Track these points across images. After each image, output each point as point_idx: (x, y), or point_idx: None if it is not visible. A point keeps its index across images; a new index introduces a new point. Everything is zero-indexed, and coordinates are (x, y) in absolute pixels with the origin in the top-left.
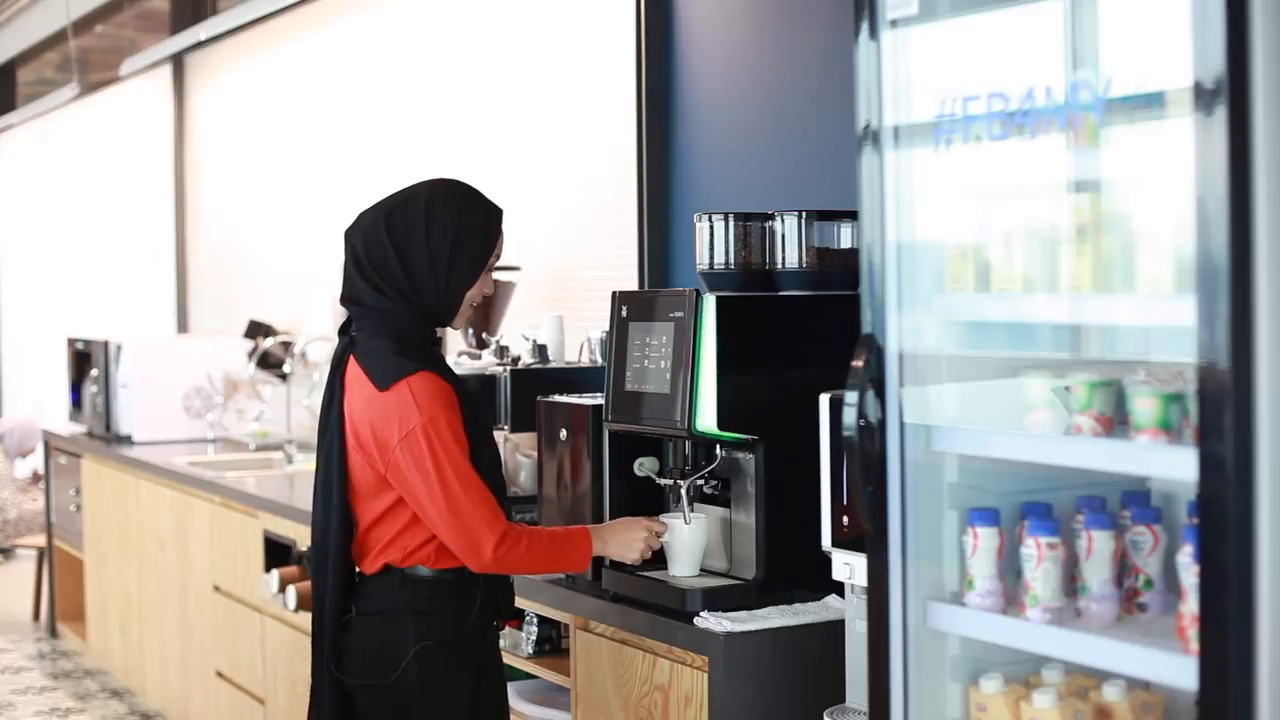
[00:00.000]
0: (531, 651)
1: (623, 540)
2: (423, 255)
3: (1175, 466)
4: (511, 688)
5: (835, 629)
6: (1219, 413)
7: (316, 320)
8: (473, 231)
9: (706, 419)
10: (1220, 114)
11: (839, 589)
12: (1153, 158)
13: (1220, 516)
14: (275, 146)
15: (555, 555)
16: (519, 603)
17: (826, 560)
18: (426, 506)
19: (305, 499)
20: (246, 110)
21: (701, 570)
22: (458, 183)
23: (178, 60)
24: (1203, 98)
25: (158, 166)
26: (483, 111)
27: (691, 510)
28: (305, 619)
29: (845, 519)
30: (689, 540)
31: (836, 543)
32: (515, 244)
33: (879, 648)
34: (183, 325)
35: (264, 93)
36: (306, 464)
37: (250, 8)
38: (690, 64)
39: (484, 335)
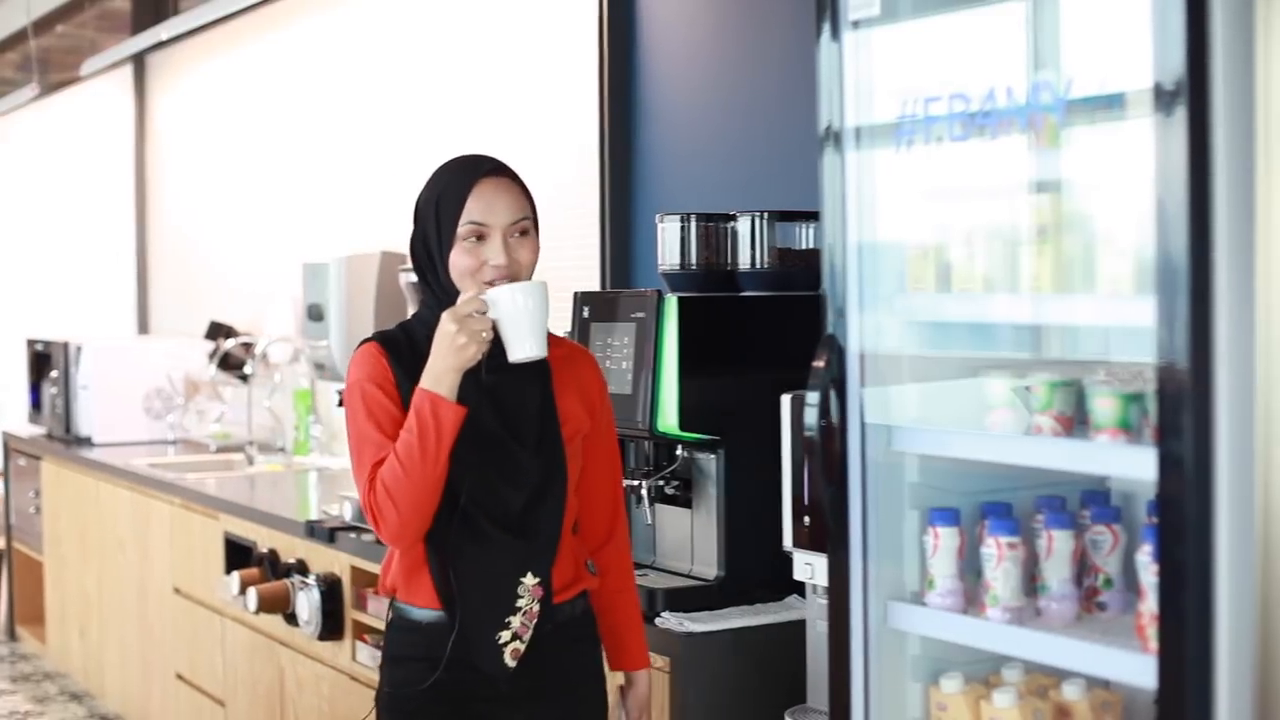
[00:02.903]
0: None
1: (443, 352)
2: (417, 250)
3: (1135, 466)
4: None
5: (796, 629)
6: (1178, 412)
7: (277, 321)
8: (429, 206)
9: (668, 419)
10: (1180, 115)
11: (800, 589)
12: (1113, 158)
13: (1179, 516)
14: (236, 147)
15: (409, 448)
16: None
17: (788, 560)
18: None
19: (266, 500)
20: (208, 111)
21: (664, 570)
22: (444, 163)
23: (139, 60)
24: (1163, 99)
25: (118, 167)
26: (446, 111)
27: (652, 501)
28: (266, 621)
29: (806, 519)
30: (519, 308)
31: (798, 543)
32: None
33: (840, 648)
34: (143, 326)
35: (225, 93)
36: (267, 465)
37: (211, 8)
38: (652, 63)
39: None
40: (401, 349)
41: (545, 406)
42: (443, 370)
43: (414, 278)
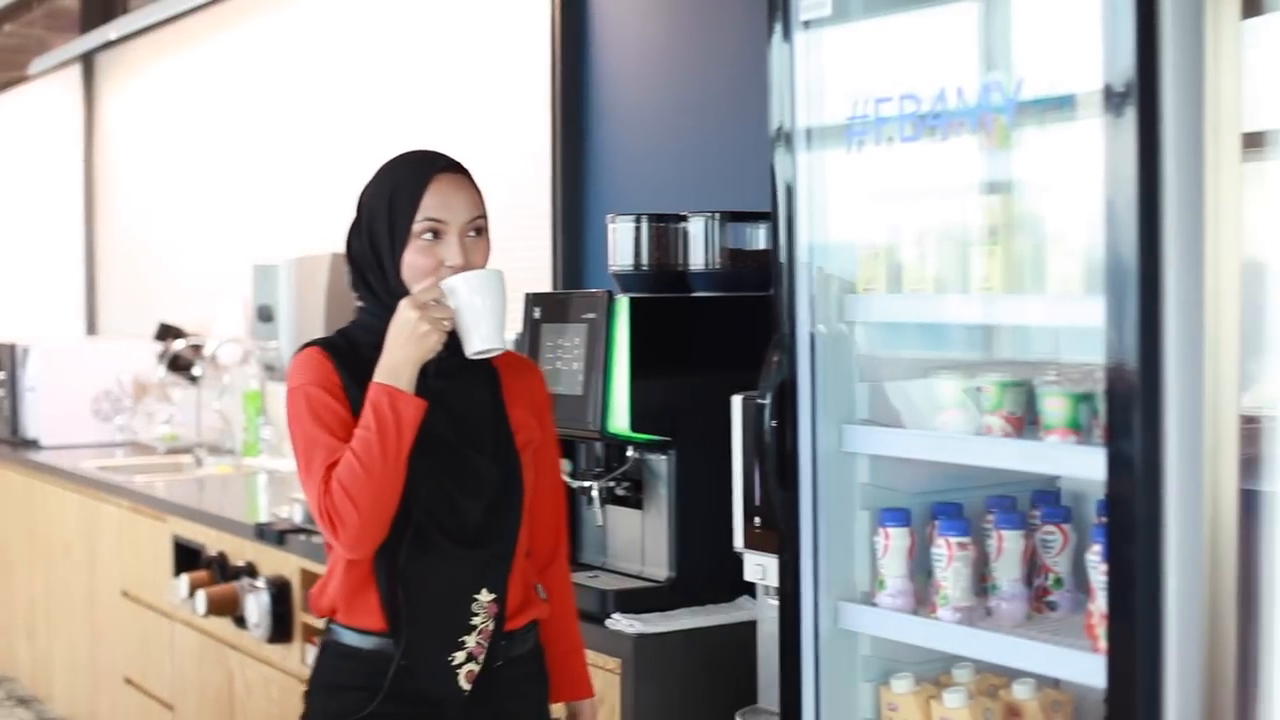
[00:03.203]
0: None
1: (402, 341)
2: (360, 255)
3: (1085, 466)
4: None
5: (747, 630)
6: (1127, 412)
7: (226, 322)
8: (379, 201)
9: (619, 420)
10: (1130, 116)
11: (751, 590)
12: (1063, 159)
13: (1128, 515)
14: (187, 148)
15: (368, 445)
16: None
17: (739, 561)
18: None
19: (215, 503)
20: (158, 111)
21: (615, 571)
22: (391, 157)
23: (88, 60)
24: (1112, 100)
25: (67, 167)
26: (396, 111)
27: (603, 502)
28: (215, 624)
29: (757, 520)
30: (479, 298)
31: (749, 544)
32: None
33: (790, 648)
34: (92, 327)
35: (175, 93)
36: (217, 467)
37: (160, 7)
38: (604, 62)
39: None
40: (345, 355)
41: (498, 413)
42: (401, 362)
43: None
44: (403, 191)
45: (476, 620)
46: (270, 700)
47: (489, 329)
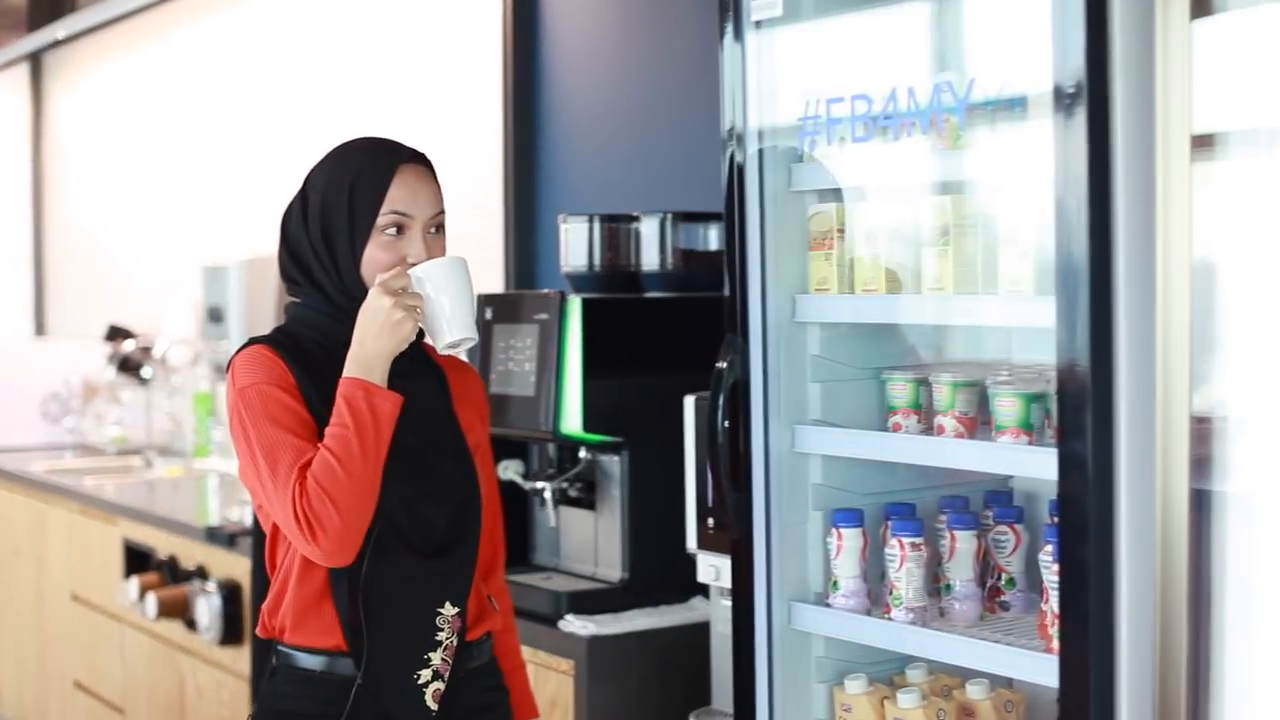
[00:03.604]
0: None
1: (376, 332)
2: (307, 245)
3: (1037, 466)
4: None
5: (701, 631)
6: (1079, 412)
7: (177, 323)
8: (336, 190)
9: (572, 422)
10: (1080, 117)
11: (704, 591)
12: (1015, 160)
13: (1080, 515)
14: (136, 148)
15: (346, 444)
16: None
17: (692, 562)
18: (261, 499)
19: (165, 505)
20: (107, 110)
21: (568, 573)
22: (344, 142)
23: (35, 59)
24: (1063, 100)
25: (14, 167)
26: (347, 111)
27: (556, 503)
28: (166, 627)
29: (710, 521)
30: (451, 285)
31: (702, 544)
32: None
33: (744, 649)
34: (40, 328)
35: (125, 93)
36: (167, 470)
37: (109, 6)
38: (556, 61)
39: None
40: (292, 352)
41: (450, 414)
42: (374, 354)
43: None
44: (366, 181)
45: (442, 635)
46: (221, 704)
47: (462, 318)
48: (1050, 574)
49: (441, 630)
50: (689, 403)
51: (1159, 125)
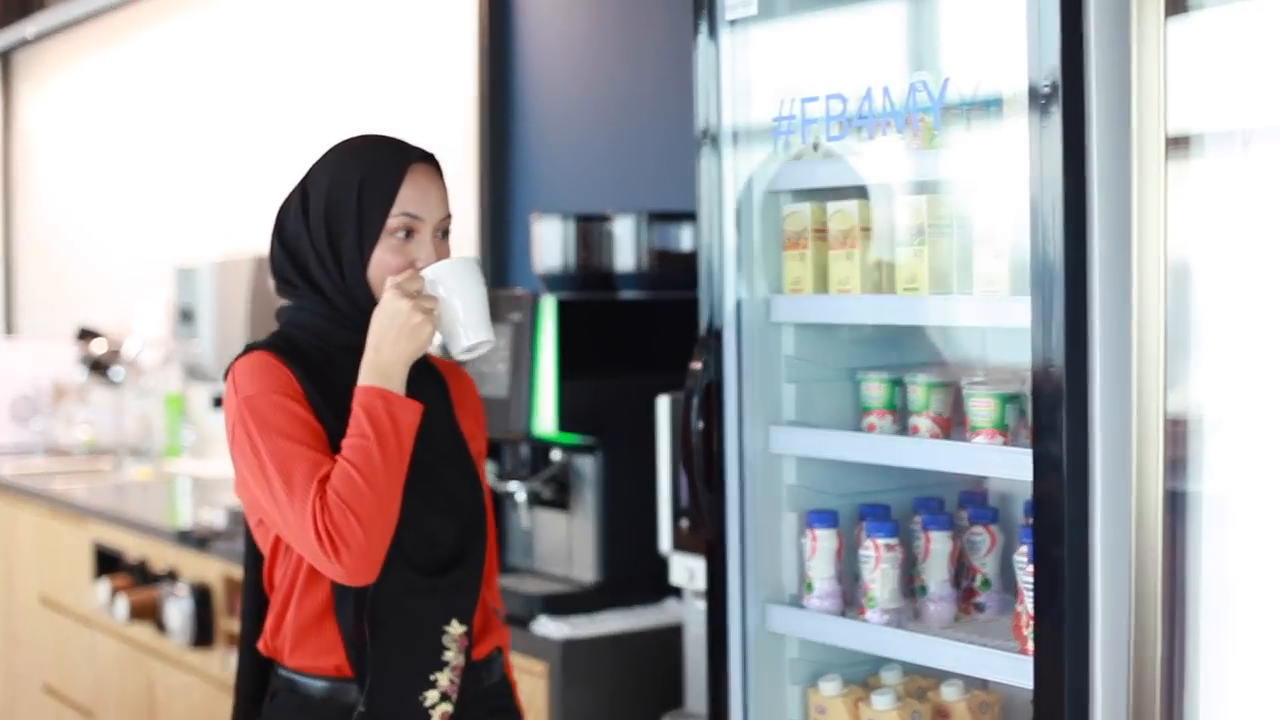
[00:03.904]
0: None
1: (394, 338)
2: (308, 245)
3: (1012, 467)
4: None
5: (674, 633)
6: (1054, 413)
7: (146, 324)
8: (345, 191)
9: (545, 423)
10: (1056, 116)
11: (678, 592)
12: (990, 159)
13: (1055, 516)
14: (107, 147)
15: (368, 455)
16: None
17: (665, 563)
18: (271, 514)
19: (136, 507)
20: (78, 110)
21: (541, 575)
22: (349, 138)
23: (5, 57)
24: (1039, 100)
25: None
26: (319, 110)
27: (529, 505)
28: (136, 630)
29: (684, 522)
30: (467, 287)
31: (676, 546)
32: None
33: (718, 651)
34: (9, 328)
35: (97, 92)
36: (137, 471)
37: (79, 4)
38: (530, 60)
39: None
40: (295, 358)
41: (453, 424)
42: (392, 360)
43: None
44: (376, 181)
45: (449, 655)
46: (192, 706)
47: (479, 321)
48: (1025, 575)
49: (448, 650)
50: (663, 403)
51: (1134, 125)
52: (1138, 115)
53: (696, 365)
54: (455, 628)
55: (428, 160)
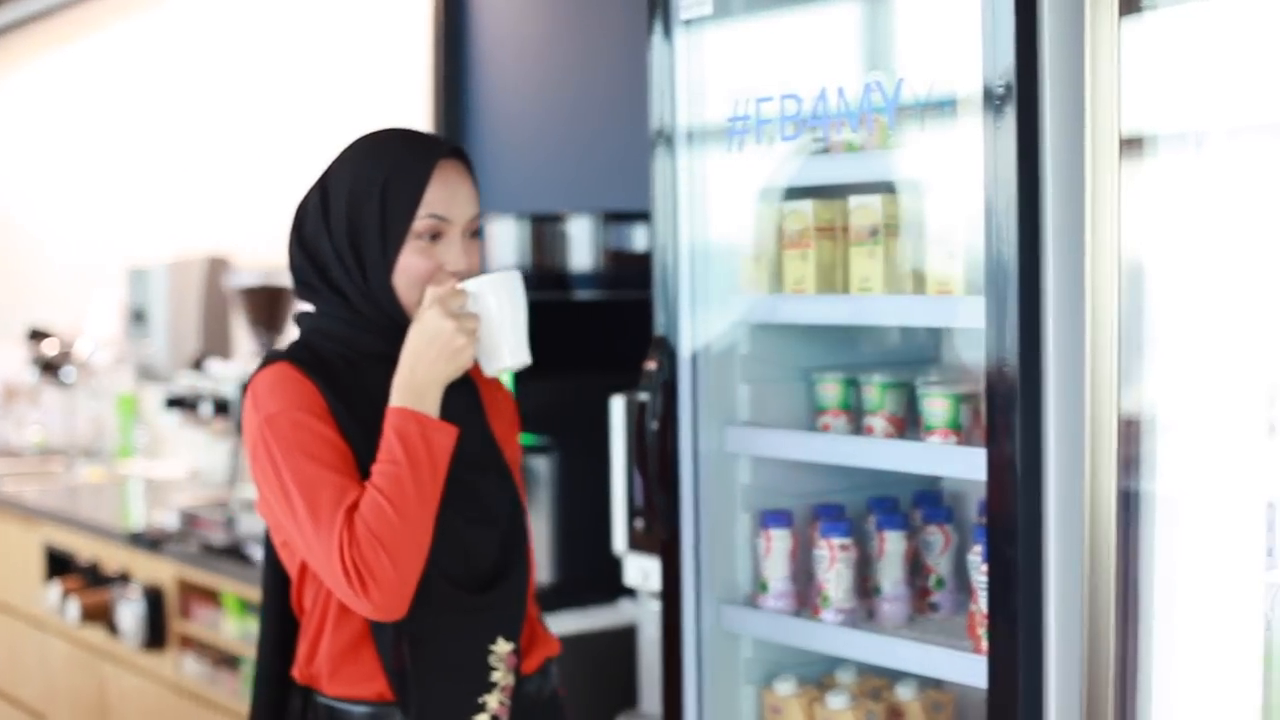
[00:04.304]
0: None
1: (433, 358)
2: (328, 247)
3: (966, 466)
4: None
5: (629, 633)
6: (1008, 413)
7: (98, 325)
8: (368, 187)
9: None
10: (1009, 117)
11: (633, 593)
12: (944, 160)
13: (1009, 516)
14: (59, 147)
15: (399, 483)
16: None
17: (620, 564)
18: (296, 541)
19: (87, 509)
20: (30, 109)
21: None
22: (371, 133)
23: None
24: (993, 101)
25: None
26: (272, 111)
27: None
28: (88, 632)
29: (638, 522)
30: (506, 303)
31: (630, 546)
32: None
33: (672, 651)
34: None
35: (49, 92)
36: (89, 473)
37: (32, 1)
38: (485, 60)
39: (272, 338)
40: (319, 371)
41: (487, 431)
42: (428, 382)
43: (300, 280)
44: (402, 178)
45: (497, 675)
46: (144, 709)
47: (518, 341)
48: (979, 574)
49: (495, 670)
50: (617, 404)
51: (1088, 126)
52: (1092, 116)
53: (651, 365)
54: (502, 646)
55: (456, 156)
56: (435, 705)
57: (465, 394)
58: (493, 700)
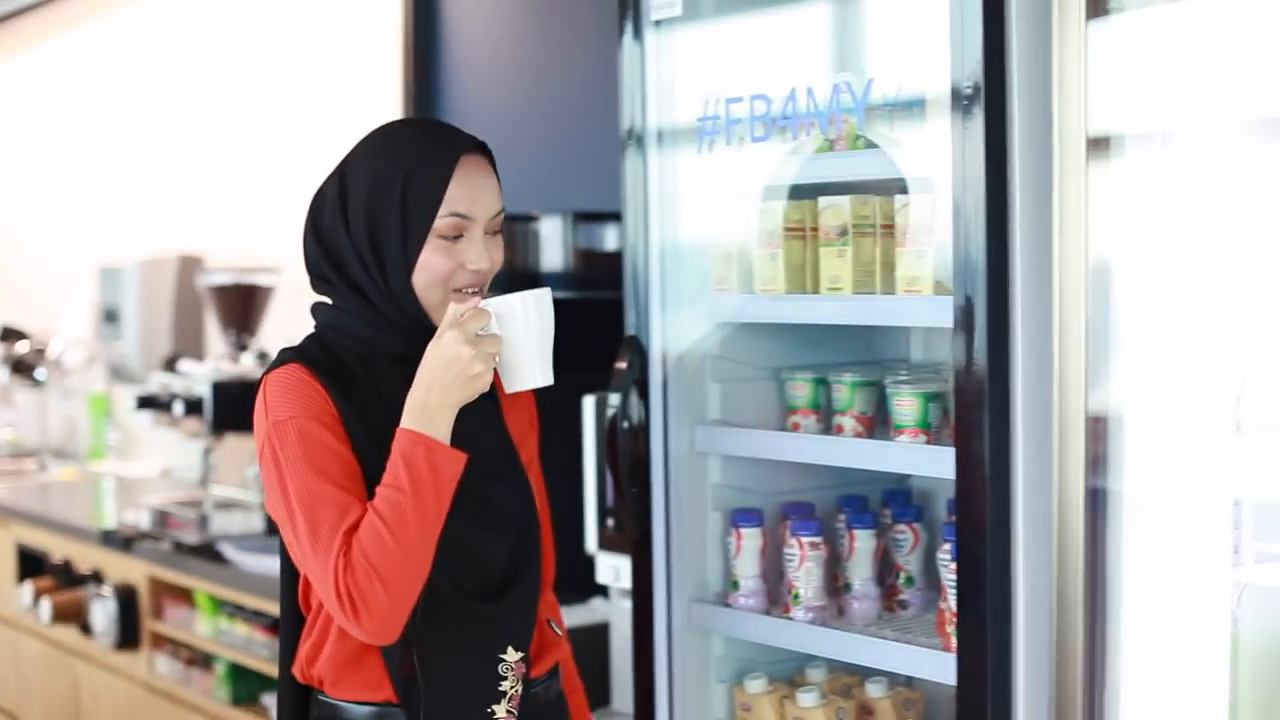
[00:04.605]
0: None
1: (447, 382)
2: (346, 243)
3: (935, 465)
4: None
5: (601, 632)
6: (977, 412)
7: (72, 324)
8: (388, 183)
9: None
10: (978, 117)
11: (604, 591)
12: (913, 160)
13: (978, 514)
14: (31, 145)
15: (399, 510)
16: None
17: (592, 563)
18: (293, 549)
19: (59, 509)
20: (2, 109)
21: None
22: (392, 124)
23: None
24: (961, 101)
25: None
26: (244, 112)
27: None
28: (61, 632)
29: (610, 521)
30: (531, 324)
31: (601, 545)
32: (277, 245)
33: (644, 650)
34: None
35: (19, 91)
36: (61, 472)
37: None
38: (456, 61)
39: (244, 338)
40: (332, 372)
41: (502, 429)
42: (439, 406)
43: (323, 276)
44: (423, 174)
45: (505, 685)
46: (117, 708)
47: (539, 363)
48: (948, 572)
49: (505, 679)
50: (588, 403)
51: (1056, 126)
52: (1059, 116)
53: (622, 365)
54: (511, 655)
55: (480, 150)
56: (443, 714)
57: (483, 396)
58: (500, 710)
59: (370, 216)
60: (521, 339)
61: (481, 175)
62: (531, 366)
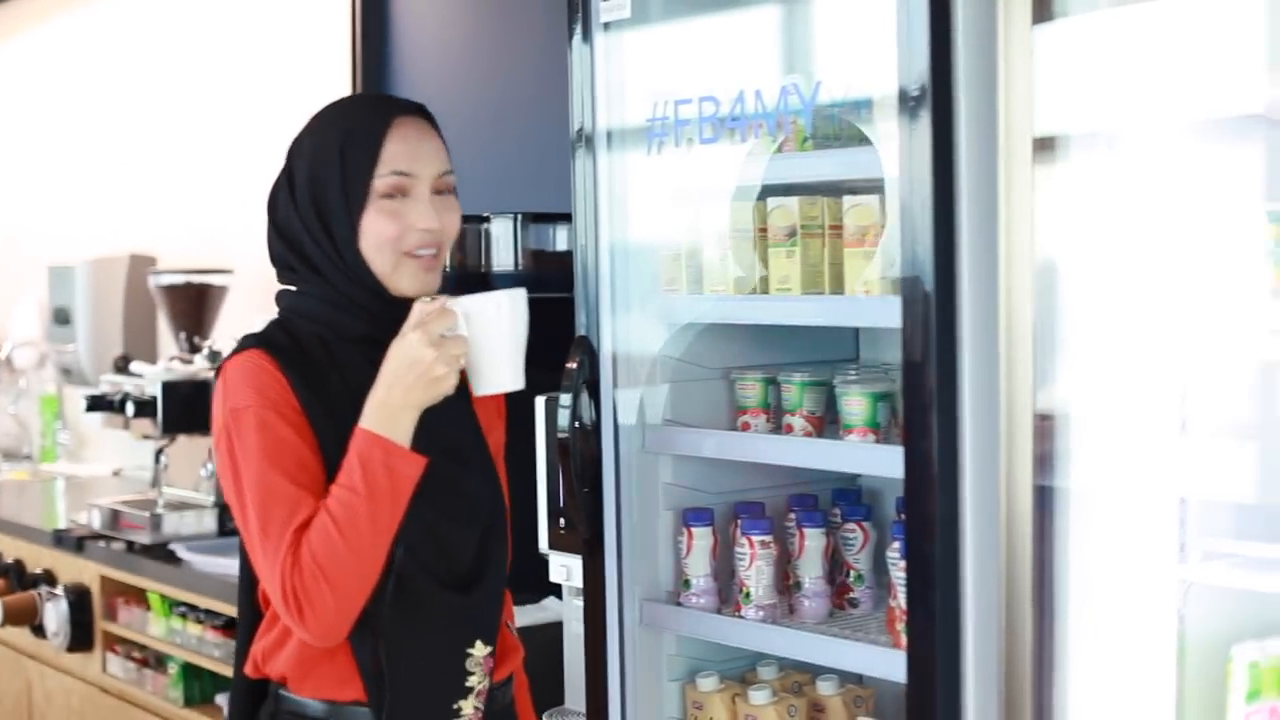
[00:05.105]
0: None
1: (409, 384)
2: (298, 224)
3: (884, 464)
4: None
5: (554, 631)
6: (925, 411)
7: (21, 325)
8: (325, 155)
9: None
10: (924, 119)
11: (557, 591)
12: (860, 161)
13: (927, 512)
14: None
15: (352, 511)
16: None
17: (544, 562)
18: (245, 540)
19: (11, 509)
20: None
21: None
22: (329, 103)
23: None
24: (908, 103)
25: None
26: (193, 111)
27: None
28: (13, 633)
29: (561, 521)
30: (502, 325)
31: (554, 545)
32: (229, 245)
33: (596, 649)
34: None
35: None
36: (12, 473)
37: None
38: (405, 61)
39: (195, 339)
40: (294, 359)
41: (471, 417)
42: (401, 407)
43: (285, 263)
44: (357, 140)
45: (473, 680)
46: (70, 710)
47: (509, 365)
48: (897, 570)
49: (473, 674)
50: (539, 403)
51: (1001, 128)
52: (1005, 118)
53: (573, 365)
54: (480, 649)
55: (416, 112)
56: (410, 709)
57: None
58: (468, 705)
59: (314, 189)
60: (492, 341)
61: (421, 134)
62: (500, 371)
